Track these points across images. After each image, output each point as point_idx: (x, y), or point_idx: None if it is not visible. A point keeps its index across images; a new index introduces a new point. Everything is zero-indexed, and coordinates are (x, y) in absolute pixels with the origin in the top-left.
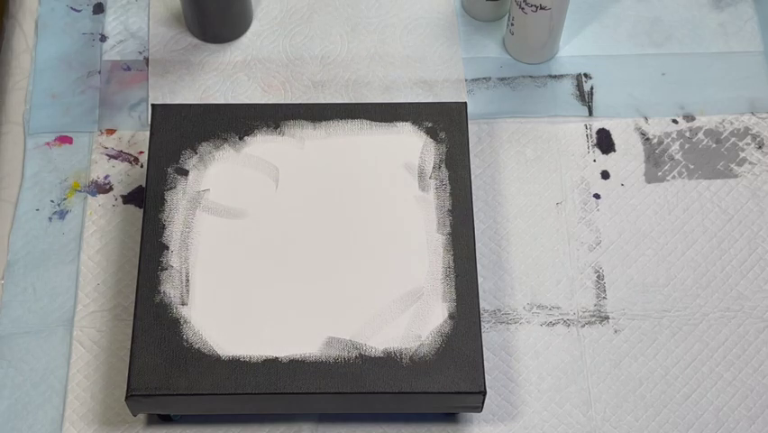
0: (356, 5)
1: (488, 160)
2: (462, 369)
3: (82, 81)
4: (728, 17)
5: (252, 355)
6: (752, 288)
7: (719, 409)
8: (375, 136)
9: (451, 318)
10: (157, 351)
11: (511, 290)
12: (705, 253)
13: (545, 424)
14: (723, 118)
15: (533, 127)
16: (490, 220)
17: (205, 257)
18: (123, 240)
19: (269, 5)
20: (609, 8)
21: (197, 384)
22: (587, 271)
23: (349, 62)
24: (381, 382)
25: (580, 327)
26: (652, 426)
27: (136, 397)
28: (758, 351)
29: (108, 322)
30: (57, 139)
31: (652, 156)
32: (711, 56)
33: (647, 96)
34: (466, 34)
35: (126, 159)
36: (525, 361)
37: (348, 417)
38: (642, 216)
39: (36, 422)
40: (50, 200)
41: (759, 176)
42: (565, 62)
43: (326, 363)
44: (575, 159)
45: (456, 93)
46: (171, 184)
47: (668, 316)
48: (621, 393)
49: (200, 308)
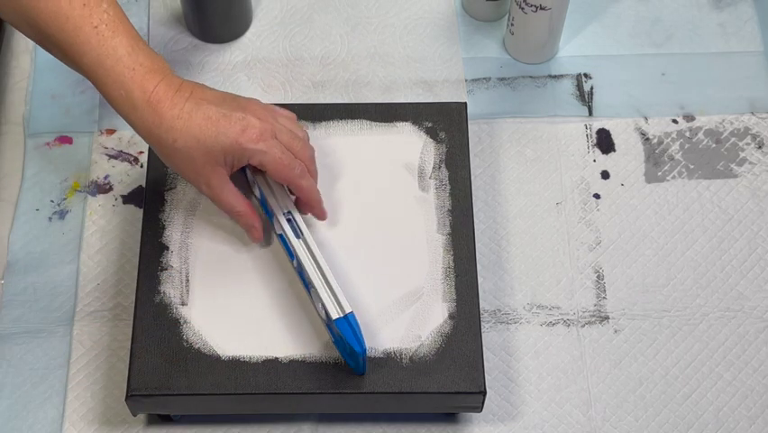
0: (356, 5)
1: (488, 160)
2: (462, 369)
3: (82, 81)
4: (728, 17)
5: (252, 355)
6: (752, 288)
7: (719, 410)
8: (375, 136)
9: (451, 318)
10: (157, 351)
11: (511, 290)
12: (705, 253)
13: (545, 424)
14: (723, 118)
15: (533, 127)
16: (490, 220)
17: (205, 257)
18: (123, 240)
19: (269, 5)
20: (609, 8)
21: (197, 384)
22: (587, 271)
23: (349, 62)
24: (381, 382)
25: (580, 327)
26: (652, 426)
27: (136, 397)
28: (758, 351)
29: (108, 322)
30: (57, 139)
31: (652, 156)
32: (711, 56)
33: (647, 96)
34: (466, 34)
35: (126, 159)
36: (525, 361)
37: (348, 417)
38: (642, 216)
39: (36, 422)
40: (50, 200)
41: (759, 176)
42: (565, 62)
43: (326, 363)
44: (575, 159)
45: (456, 93)
46: (171, 184)
47: (668, 316)
48: (621, 393)
49: (200, 308)
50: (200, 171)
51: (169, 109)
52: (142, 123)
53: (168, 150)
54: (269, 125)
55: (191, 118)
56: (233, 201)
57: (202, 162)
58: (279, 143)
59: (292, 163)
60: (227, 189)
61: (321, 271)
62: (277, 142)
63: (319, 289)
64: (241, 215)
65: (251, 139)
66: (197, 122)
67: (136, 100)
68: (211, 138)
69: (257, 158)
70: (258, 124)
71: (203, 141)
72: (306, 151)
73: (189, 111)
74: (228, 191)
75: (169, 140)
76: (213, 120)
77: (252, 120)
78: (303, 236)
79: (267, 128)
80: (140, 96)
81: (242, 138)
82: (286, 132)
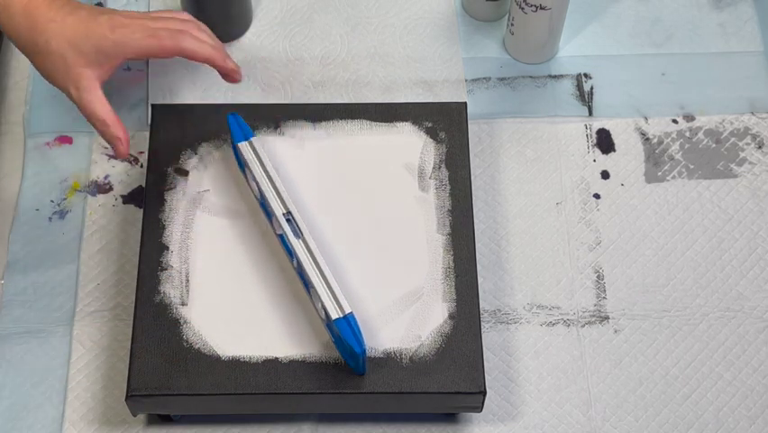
0: (356, 5)
1: (488, 160)
2: (462, 369)
3: None
4: (728, 17)
5: (252, 355)
6: (752, 288)
7: (719, 410)
8: (375, 136)
9: (451, 318)
10: (157, 351)
11: (511, 290)
12: (705, 253)
13: (545, 424)
14: (723, 118)
15: (533, 127)
16: (490, 220)
17: (205, 257)
18: (123, 240)
19: (269, 5)
20: (609, 8)
21: (197, 384)
22: (587, 271)
23: (349, 62)
24: (381, 382)
25: (580, 327)
26: (652, 426)
27: (136, 397)
28: (758, 351)
29: (108, 322)
30: (57, 139)
31: (652, 156)
32: (711, 56)
33: (647, 96)
34: (466, 34)
35: (126, 159)
36: (525, 361)
37: (348, 417)
38: (642, 216)
39: (36, 422)
40: (50, 200)
41: (759, 176)
42: (565, 62)
43: (326, 363)
44: (575, 159)
45: (456, 93)
46: (171, 184)
47: (668, 316)
48: (621, 393)
49: (200, 308)
50: (70, 73)
51: (44, 14)
52: (18, 29)
53: (42, 53)
54: (139, 20)
55: (65, 21)
56: (99, 108)
57: (73, 63)
58: (150, 28)
59: (165, 36)
60: (95, 95)
61: (320, 272)
62: (146, 27)
63: (319, 289)
64: (106, 124)
65: (118, 32)
66: (70, 24)
67: (14, 8)
68: (83, 38)
69: (128, 48)
70: (127, 20)
71: (74, 41)
72: (183, 23)
73: (64, 15)
74: (96, 97)
75: (42, 42)
76: (84, 20)
77: (121, 18)
78: (302, 236)
79: (135, 21)
80: (18, 5)
81: (111, 33)
82: (159, 19)
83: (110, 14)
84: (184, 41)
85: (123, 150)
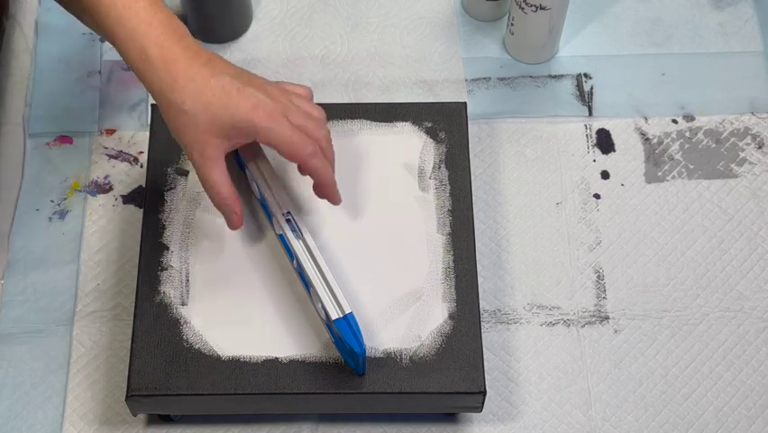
0: (356, 5)
1: (488, 160)
2: (462, 369)
3: (82, 81)
4: (728, 17)
5: (252, 355)
6: (752, 288)
7: (719, 410)
8: (375, 136)
9: (451, 319)
10: (157, 351)
11: (511, 290)
12: (705, 253)
13: (545, 424)
14: (723, 118)
15: (533, 127)
16: (490, 220)
17: (205, 257)
18: (123, 240)
19: (269, 5)
20: (609, 8)
21: (197, 384)
22: (587, 271)
23: (349, 62)
24: (381, 382)
25: (580, 327)
26: (652, 426)
27: (136, 397)
28: (758, 351)
29: (108, 322)
30: (57, 139)
31: (652, 156)
32: (711, 56)
33: (647, 96)
34: (466, 34)
35: (126, 159)
36: (525, 361)
37: (348, 417)
38: (642, 216)
39: (36, 422)
40: (50, 200)
41: (759, 176)
42: (565, 62)
43: (326, 363)
44: (575, 159)
45: (456, 93)
46: (171, 184)
47: (668, 316)
48: (621, 393)
49: (200, 308)
50: (199, 138)
51: (184, 70)
52: (155, 80)
53: (175, 111)
54: (281, 105)
55: (205, 84)
56: (219, 179)
57: (204, 129)
58: (290, 123)
59: (303, 142)
60: (218, 166)
61: (320, 272)
62: (287, 121)
63: (319, 289)
64: (223, 197)
65: (261, 116)
66: (211, 89)
67: (151, 56)
68: (221, 108)
69: (264, 135)
70: (269, 102)
71: (212, 109)
72: (319, 130)
73: (204, 76)
74: (218, 168)
75: (179, 101)
76: (226, 90)
77: (264, 98)
78: (303, 237)
79: (278, 107)
80: (156, 53)
81: (253, 113)
82: (299, 112)
83: (253, 86)
84: (315, 157)
85: (236, 224)
